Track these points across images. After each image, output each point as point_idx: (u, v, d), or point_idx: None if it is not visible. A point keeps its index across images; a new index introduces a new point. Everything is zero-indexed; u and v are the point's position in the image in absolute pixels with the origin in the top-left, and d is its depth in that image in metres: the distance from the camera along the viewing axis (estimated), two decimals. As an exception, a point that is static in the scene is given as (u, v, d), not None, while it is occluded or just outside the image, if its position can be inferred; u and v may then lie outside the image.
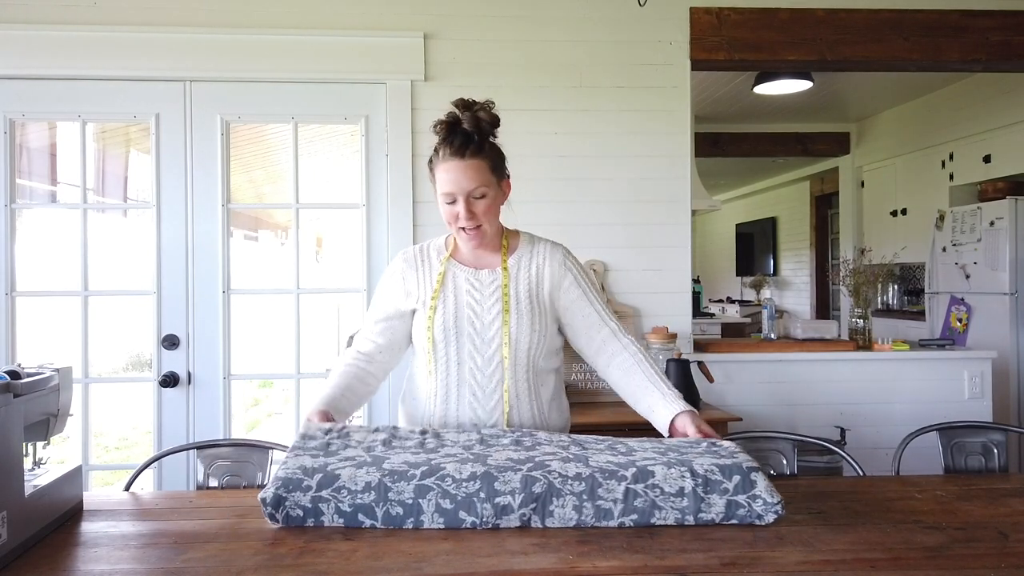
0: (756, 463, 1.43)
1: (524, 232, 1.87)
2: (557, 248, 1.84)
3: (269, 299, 3.49)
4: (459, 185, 1.67)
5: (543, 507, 1.35)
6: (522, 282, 1.78)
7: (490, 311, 1.75)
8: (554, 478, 1.37)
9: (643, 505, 1.35)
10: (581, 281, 1.82)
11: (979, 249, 4.79)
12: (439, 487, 1.36)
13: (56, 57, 2.92)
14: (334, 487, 1.36)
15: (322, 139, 3.47)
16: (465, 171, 1.67)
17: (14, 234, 2.97)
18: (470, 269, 1.79)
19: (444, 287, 1.77)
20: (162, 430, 3.00)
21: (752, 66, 3.55)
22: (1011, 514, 1.45)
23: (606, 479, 1.37)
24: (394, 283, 1.82)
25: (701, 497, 1.36)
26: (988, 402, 3.35)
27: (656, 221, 3.21)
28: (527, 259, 1.81)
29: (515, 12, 3.14)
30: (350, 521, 1.36)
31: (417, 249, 1.86)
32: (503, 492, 1.35)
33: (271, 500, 1.35)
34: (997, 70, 3.63)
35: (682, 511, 1.36)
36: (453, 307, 1.75)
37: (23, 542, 1.25)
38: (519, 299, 1.76)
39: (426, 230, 3.06)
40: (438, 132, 1.70)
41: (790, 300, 9.30)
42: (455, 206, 1.69)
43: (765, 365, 3.30)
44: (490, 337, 1.74)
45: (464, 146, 1.67)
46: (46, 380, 1.39)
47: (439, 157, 1.70)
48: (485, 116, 1.69)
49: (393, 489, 1.35)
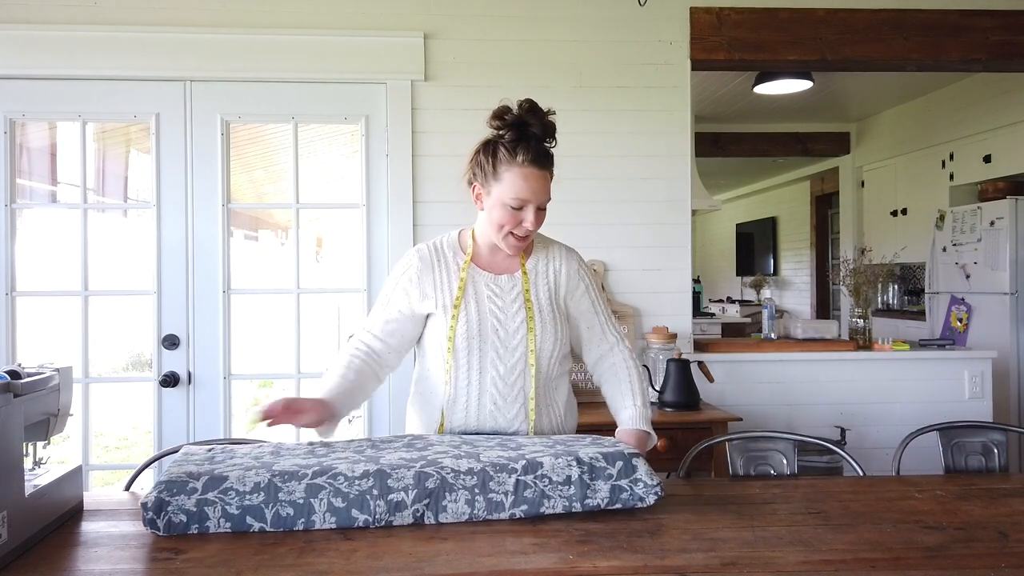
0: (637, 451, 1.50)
1: (536, 233, 1.82)
2: (572, 255, 1.84)
3: (269, 299, 3.49)
4: (536, 196, 1.65)
5: (436, 502, 1.37)
6: (542, 288, 1.77)
7: (514, 319, 1.72)
8: (446, 473, 1.38)
9: (532, 495, 1.39)
10: (592, 291, 1.82)
11: (979, 249, 4.79)
12: (331, 486, 1.35)
13: (56, 57, 2.92)
14: (221, 488, 1.33)
15: (322, 139, 3.47)
16: (544, 182, 1.66)
17: (14, 234, 2.97)
18: (489, 274, 1.75)
19: (465, 293, 1.73)
20: (162, 430, 3.00)
21: (752, 66, 3.55)
22: (1011, 514, 1.46)
23: (497, 472, 1.39)
24: (409, 283, 1.76)
25: (587, 484, 1.41)
26: (988, 402, 3.35)
27: (656, 221, 3.21)
28: (544, 263, 1.79)
29: (515, 12, 3.14)
30: (237, 525, 1.32)
31: (431, 247, 1.80)
32: (396, 489, 1.35)
33: (152, 504, 1.31)
34: (997, 70, 3.63)
35: (569, 499, 1.40)
36: (476, 314, 1.71)
37: (23, 542, 1.25)
38: (541, 306, 1.74)
39: (426, 230, 3.06)
40: (500, 127, 1.66)
41: (790, 300, 9.30)
42: (521, 213, 1.65)
43: (765, 365, 3.30)
44: (514, 345, 1.71)
45: (544, 155, 1.66)
46: (46, 380, 1.39)
47: (514, 159, 1.64)
48: (551, 124, 1.67)
49: (284, 489, 1.34)
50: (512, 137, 1.65)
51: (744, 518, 1.42)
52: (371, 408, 3.09)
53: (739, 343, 3.57)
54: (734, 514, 1.45)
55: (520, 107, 1.66)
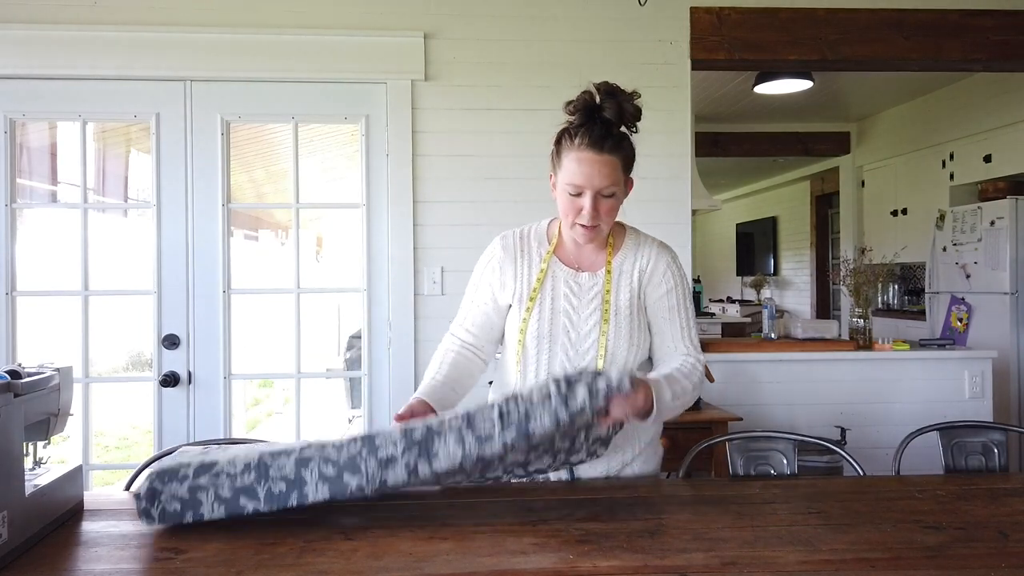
0: None
1: (630, 227, 1.74)
2: (664, 252, 1.71)
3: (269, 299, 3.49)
4: (591, 181, 1.54)
5: (426, 450, 1.33)
6: (624, 288, 1.67)
7: (587, 320, 1.65)
8: (431, 423, 1.36)
9: (518, 418, 1.35)
10: (676, 294, 1.69)
11: (979, 249, 4.79)
12: (320, 455, 1.34)
13: (56, 57, 2.92)
14: (212, 472, 1.33)
15: (322, 139, 3.48)
16: (601, 167, 1.54)
17: (14, 234, 2.97)
18: (570, 271, 1.68)
19: (543, 288, 1.66)
20: (162, 430, 3.00)
21: (752, 66, 3.55)
22: (1011, 514, 1.45)
23: (480, 410, 1.37)
24: (491, 272, 1.71)
25: (564, 394, 1.36)
26: (988, 402, 3.35)
27: (656, 221, 3.19)
28: (631, 261, 1.68)
29: (515, 12, 3.14)
30: (232, 508, 1.32)
31: (517, 236, 1.72)
32: (384, 445, 1.34)
33: (145, 493, 1.31)
34: (997, 70, 3.63)
35: (553, 412, 1.35)
36: (549, 312, 1.65)
37: (24, 542, 1.25)
38: (619, 309, 1.65)
39: (426, 230, 3.06)
40: (572, 113, 1.58)
41: (790, 300, 9.30)
42: (580, 199, 1.56)
43: (765, 365, 3.30)
44: (585, 349, 1.64)
45: (604, 138, 1.54)
46: (46, 380, 1.39)
47: (572, 143, 1.56)
48: (630, 107, 1.57)
49: (273, 466, 1.33)
50: (578, 122, 1.57)
51: (744, 518, 1.42)
52: (370, 407, 3.09)
53: (739, 343, 3.57)
54: (734, 514, 1.45)
55: (598, 90, 1.57)
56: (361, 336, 3.13)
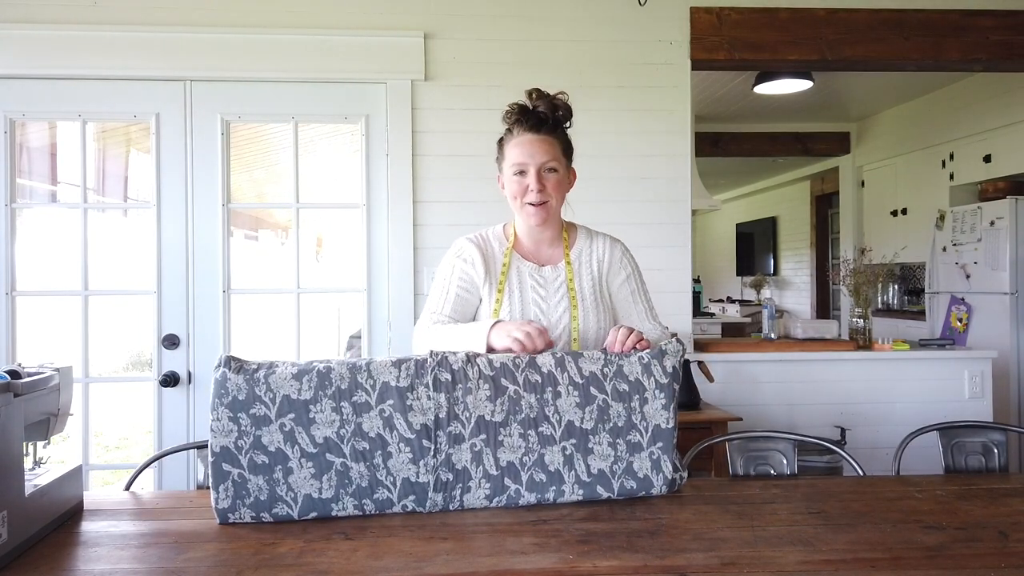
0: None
1: (580, 225, 1.88)
2: (616, 244, 1.87)
3: (269, 299, 3.48)
4: (532, 157, 1.70)
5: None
6: (585, 277, 1.80)
7: (557, 307, 1.77)
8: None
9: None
10: (633, 280, 1.85)
11: (979, 249, 4.79)
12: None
13: (56, 57, 2.92)
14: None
15: (322, 139, 3.47)
16: (541, 144, 1.70)
17: (14, 234, 2.97)
18: (533, 265, 1.80)
19: (509, 280, 1.78)
20: (162, 430, 3.00)
21: (752, 66, 3.55)
22: (1011, 514, 1.45)
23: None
24: (465, 263, 1.80)
25: None
26: (988, 402, 3.35)
27: (656, 221, 3.21)
28: (587, 252, 1.83)
29: (515, 12, 3.14)
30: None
31: (477, 235, 1.85)
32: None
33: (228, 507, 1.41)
34: (997, 70, 3.63)
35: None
36: (519, 303, 1.76)
37: (23, 541, 1.25)
38: (584, 294, 1.78)
39: (426, 230, 3.06)
40: (509, 117, 1.73)
41: (790, 300, 9.30)
42: (525, 178, 1.71)
43: (765, 365, 3.30)
44: (558, 334, 1.75)
45: (541, 124, 1.71)
46: (46, 380, 1.39)
47: (512, 135, 1.73)
48: (560, 103, 1.73)
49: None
50: (515, 119, 1.73)
51: (744, 518, 1.42)
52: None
53: (739, 343, 3.57)
54: (734, 514, 1.45)
55: (529, 95, 1.73)
56: (361, 336, 3.13)
